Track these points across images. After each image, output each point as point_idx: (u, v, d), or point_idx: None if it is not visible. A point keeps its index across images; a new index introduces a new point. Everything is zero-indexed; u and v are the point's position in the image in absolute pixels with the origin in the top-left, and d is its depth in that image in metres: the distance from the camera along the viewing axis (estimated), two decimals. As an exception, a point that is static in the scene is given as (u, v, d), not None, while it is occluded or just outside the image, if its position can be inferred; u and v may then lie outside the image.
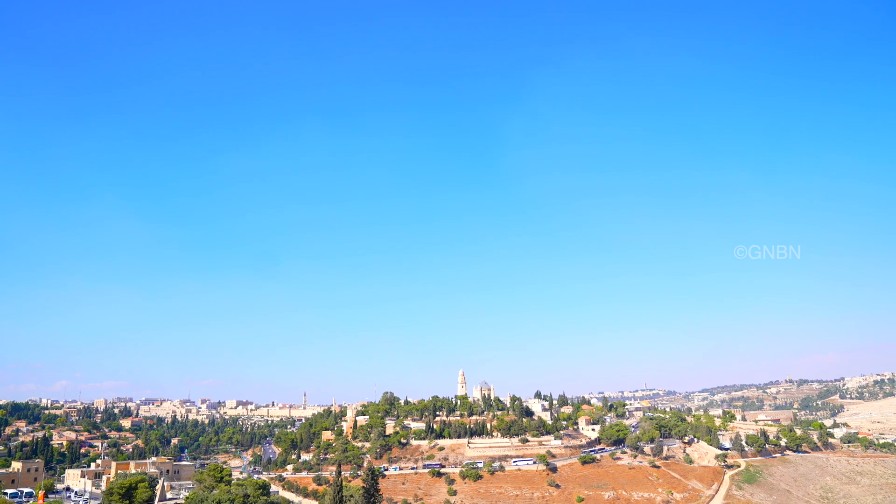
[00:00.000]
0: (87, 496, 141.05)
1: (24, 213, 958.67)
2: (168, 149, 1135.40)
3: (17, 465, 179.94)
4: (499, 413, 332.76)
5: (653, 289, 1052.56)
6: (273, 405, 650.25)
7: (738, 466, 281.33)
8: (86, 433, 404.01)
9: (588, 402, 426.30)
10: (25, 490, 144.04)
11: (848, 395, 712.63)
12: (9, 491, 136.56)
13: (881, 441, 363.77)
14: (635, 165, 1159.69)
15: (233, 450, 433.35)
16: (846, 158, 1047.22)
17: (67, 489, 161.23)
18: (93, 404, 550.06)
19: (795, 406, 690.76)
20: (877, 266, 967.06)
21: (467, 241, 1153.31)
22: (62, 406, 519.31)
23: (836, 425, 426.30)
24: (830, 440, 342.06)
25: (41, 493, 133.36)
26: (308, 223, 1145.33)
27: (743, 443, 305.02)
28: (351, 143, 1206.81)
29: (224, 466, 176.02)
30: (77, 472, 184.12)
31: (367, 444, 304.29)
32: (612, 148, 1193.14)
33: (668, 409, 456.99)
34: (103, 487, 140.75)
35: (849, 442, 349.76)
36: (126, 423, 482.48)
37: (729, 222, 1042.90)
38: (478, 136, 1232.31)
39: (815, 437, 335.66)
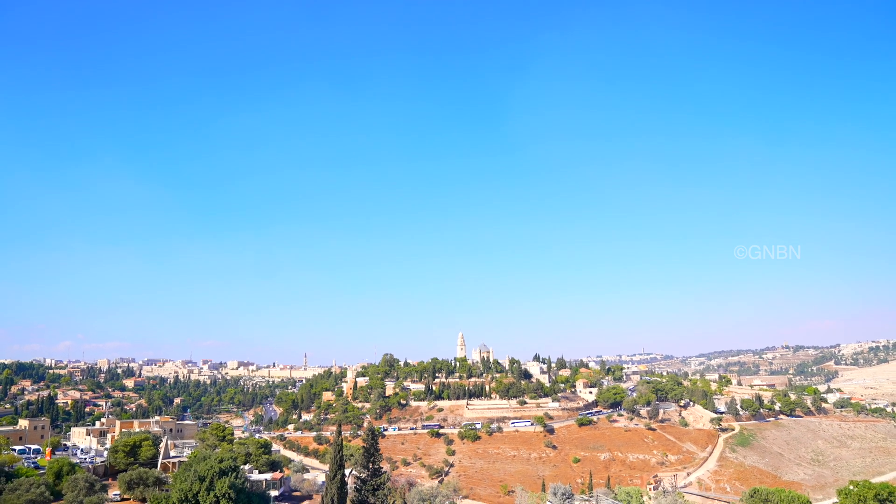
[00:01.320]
0: (92, 453, 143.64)
1: (25, 176, 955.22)
2: (169, 111, 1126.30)
3: (23, 423, 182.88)
4: (497, 375, 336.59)
5: (652, 254, 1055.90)
6: (274, 366, 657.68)
7: (733, 430, 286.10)
8: (90, 392, 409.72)
9: (586, 366, 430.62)
10: (33, 447, 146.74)
11: (843, 362, 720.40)
12: (17, 447, 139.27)
13: (873, 406, 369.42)
14: (639, 132, 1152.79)
15: (234, 410, 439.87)
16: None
17: (74, 446, 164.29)
18: (96, 364, 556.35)
19: (791, 371, 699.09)
20: (874, 234, 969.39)
21: (468, 205, 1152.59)
22: (66, 366, 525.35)
23: (829, 391, 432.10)
24: (824, 405, 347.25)
25: (48, 449, 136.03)
26: (310, 186, 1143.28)
27: (738, 407, 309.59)
28: (355, 108, 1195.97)
29: (226, 426, 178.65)
30: (82, 430, 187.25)
31: (367, 405, 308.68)
32: (616, 114, 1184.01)
33: (664, 374, 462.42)
34: (108, 445, 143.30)
35: (841, 407, 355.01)
36: (129, 383, 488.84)
37: (732, 189, 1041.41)
38: (483, 101, 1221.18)
39: (808, 402, 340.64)
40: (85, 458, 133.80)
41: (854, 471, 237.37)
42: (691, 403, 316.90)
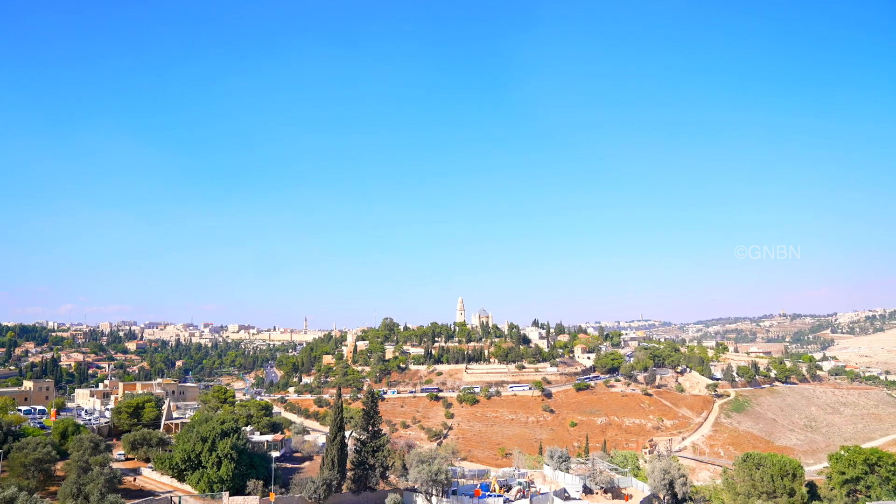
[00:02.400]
0: (96, 414, 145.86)
1: (26, 139, 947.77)
2: (170, 74, 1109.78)
3: (28, 384, 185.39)
4: (496, 340, 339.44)
5: (652, 221, 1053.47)
6: (274, 329, 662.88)
7: (728, 396, 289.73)
8: (92, 355, 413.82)
9: (584, 331, 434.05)
10: (38, 407, 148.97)
11: (839, 330, 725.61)
12: (22, 408, 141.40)
13: (867, 374, 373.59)
14: (645, 100, 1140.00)
15: (235, 372, 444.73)
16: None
17: (78, 408, 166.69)
18: (98, 327, 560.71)
19: (787, 339, 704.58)
20: (874, 202, 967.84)
21: (469, 169, 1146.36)
22: (68, 329, 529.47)
23: (825, 358, 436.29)
24: (819, 372, 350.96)
25: (53, 410, 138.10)
26: (311, 151, 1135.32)
27: (734, 373, 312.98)
28: (358, 72, 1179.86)
29: (227, 388, 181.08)
30: (86, 391, 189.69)
31: (367, 369, 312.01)
32: (621, 81, 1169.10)
33: (662, 340, 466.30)
34: (112, 406, 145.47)
35: (836, 374, 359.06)
36: (131, 345, 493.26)
37: (734, 156, 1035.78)
38: (488, 67, 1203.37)
39: (803, 370, 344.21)
40: (89, 419, 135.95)
41: (846, 437, 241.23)
42: (688, 370, 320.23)
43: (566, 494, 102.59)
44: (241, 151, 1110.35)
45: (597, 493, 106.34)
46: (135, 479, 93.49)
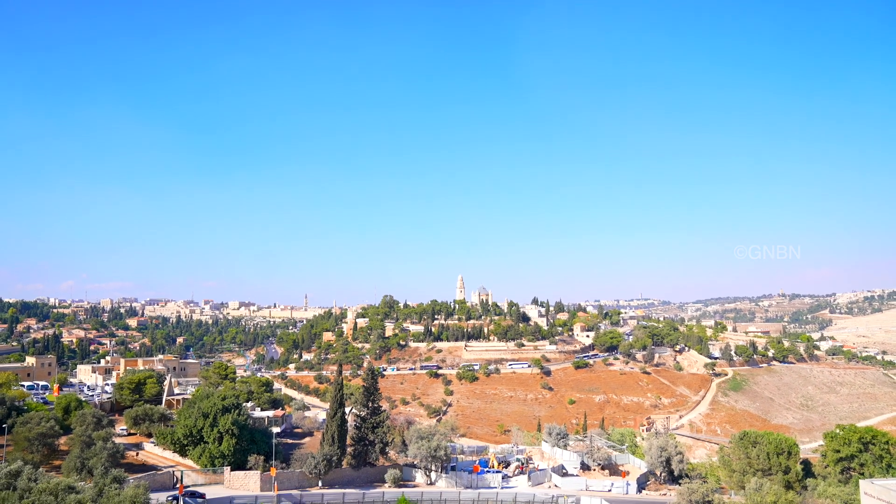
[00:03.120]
0: (98, 390, 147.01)
1: (26, 115, 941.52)
2: (170, 50, 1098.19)
3: (31, 360, 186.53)
4: (496, 318, 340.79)
5: (652, 199, 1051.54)
6: (275, 307, 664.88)
7: (726, 375, 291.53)
8: (94, 331, 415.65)
9: (584, 310, 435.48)
10: (41, 383, 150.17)
11: (838, 310, 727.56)
12: (25, 383, 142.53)
13: (864, 354, 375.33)
14: (646, 80, 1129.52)
15: (236, 349, 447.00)
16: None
17: (80, 383, 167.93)
18: (99, 304, 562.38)
19: (786, 319, 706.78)
20: (875, 182, 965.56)
21: (470, 147, 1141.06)
22: (69, 305, 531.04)
23: (822, 338, 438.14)
24: (816, 352, 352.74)
25: (56, 386, 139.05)
26: (312, 128, 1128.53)
27: (732, 352, 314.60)
28: (360, 51, 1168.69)
29: (228, 365, 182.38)
30: (88, 367, 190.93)
31: (367, 346, 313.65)
32: (624, 60, 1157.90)
33: (661, 319, 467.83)
34: (113, 382, 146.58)
35: (833, 354, 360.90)
36: (132, 322, 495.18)
37: (735, 136, 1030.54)
38: (489, 45, 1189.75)
39: (801, 349, 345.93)
40: (91, 395, 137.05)
41: (841, 415, 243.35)
42: (686, 348, 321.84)
43: (564, 471, 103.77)
44: (241, 129, 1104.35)
45: (594, 470, 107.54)
46: (137, 454, 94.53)
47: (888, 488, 59.39)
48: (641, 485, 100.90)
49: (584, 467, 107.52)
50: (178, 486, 77.32)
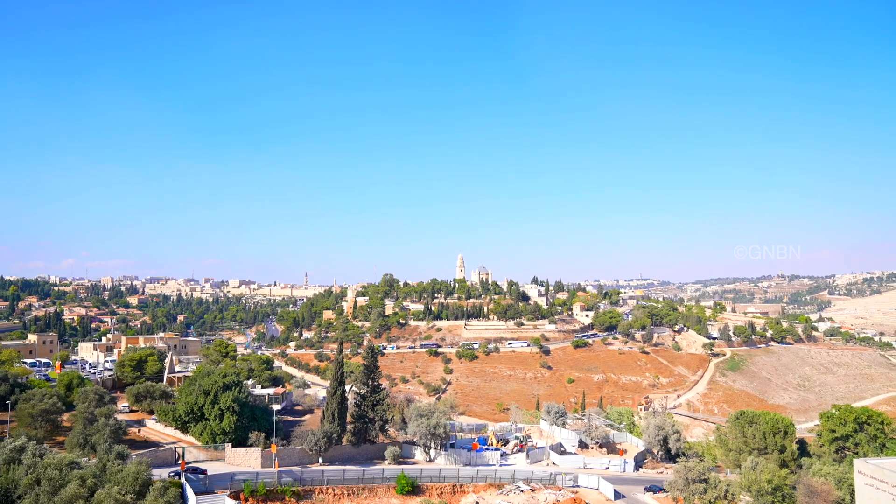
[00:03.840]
0: (100, 367, 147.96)
1: (27, 93, 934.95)
2: (172, 29, 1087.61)
3: (32, 338, 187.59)
4: (496, 297, 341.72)
5: (653, 180, 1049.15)
6: (275, 285, 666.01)
7: (724, 355, 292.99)
8: (95, 309, 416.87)
9: (583, 289, 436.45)
10: (43, 360, 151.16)
11: (837, 292, 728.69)
12: (27, 361, 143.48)
13: (861, 335, 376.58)
14: (648, 61, 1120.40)
15: (237, 327, 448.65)
16: None
17: (82, 360, 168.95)
18: (100, 282, 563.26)
19: (785, 300, 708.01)
20: (876, 164, 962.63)
21: (471, 127, 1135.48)
22: (70, 283, 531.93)
23: (821, 319, 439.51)
24: (814, 333, 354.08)
25: (58, 363, 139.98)
26: (313, 107, 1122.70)
27: (730, 333, 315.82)
28: (363, 30, 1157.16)
29: (229, 342, 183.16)
30: (89, 345, 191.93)
31: (367, 324, 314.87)
32: (626, 40, 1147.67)
33: (661, 299, 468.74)
34: (115, 360, 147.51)
35: (831, 335, 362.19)
36: (133, 300, 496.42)
37: (736, 118, 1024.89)
38: (491, 25, 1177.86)
39: (799, 330, 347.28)
40: (93, 372, 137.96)
41: (837, 396, 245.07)
42: (685, 328, 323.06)
43: (562, 449, 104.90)
44: (242, 108, 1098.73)
45: (592, 448, 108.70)
46: (139, 431, 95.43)
47: (882, 467, 60.00)
48: (639, 463, 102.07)
49: (583, 445, 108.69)
50: (179, 462, 78.25)
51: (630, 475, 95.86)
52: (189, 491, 65.47)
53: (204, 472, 74.32)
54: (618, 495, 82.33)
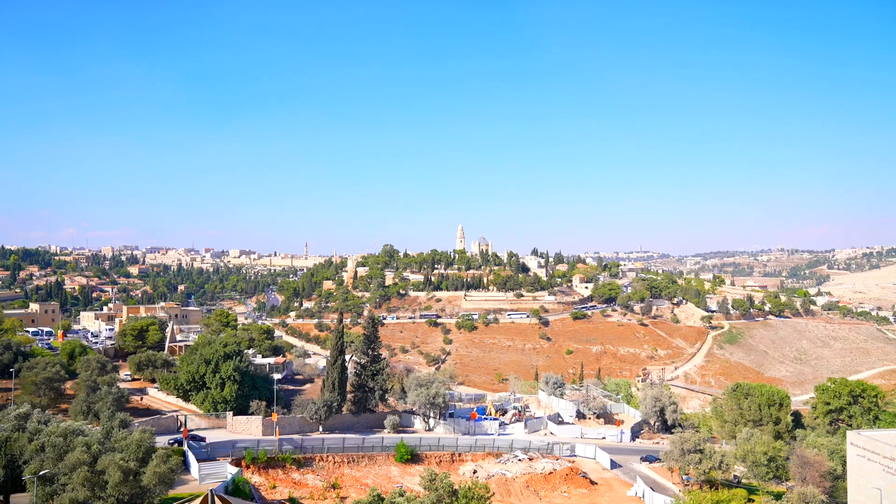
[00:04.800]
0: (102, 337, 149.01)
1: (27, 64, 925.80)
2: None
3: (34, 307, 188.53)
4: (495, 268, 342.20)
5: (654, 154, 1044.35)
6: (275, 255, 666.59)
7: (722, 328, 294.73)
8: (95, 279, 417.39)
9: (583, 262, 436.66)
10: (45, 329, 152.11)
11: (836, 266, 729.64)
12: (30, 329, 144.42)
13: (859, 310, 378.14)
14: (650, 37, 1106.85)
15: (237, 297, 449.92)
16: None
17: (84, 330, 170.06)
18: (100, 252, 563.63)
19: (784, 274, 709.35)
20: (875, 141, 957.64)
21: (472, 101, 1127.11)
22: (71, 253, 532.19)
23: (819, 294, 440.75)
24: (812, 307, 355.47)
25: (60, 332, 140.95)
26: (315, 79, 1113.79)
27: (729, 306, 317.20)
28: (365, 4, 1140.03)
29: (229, 312, 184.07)
30: (91, 314, 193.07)
31: (367, 294, 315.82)
32: (627, 14, 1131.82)
33: (660, 272, 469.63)
34: (116, 329, 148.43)
35: (829, 310, 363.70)
36: (133, 270, 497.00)
37: (737, 95, 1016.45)
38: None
39: (797, 304, 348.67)
40: (95, 341, 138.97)
41: (833, 369, 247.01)
42: (684, 301, 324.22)
43: (560, 419, 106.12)
44: (243, 78, 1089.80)
45: (589, 418, 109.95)
46: (141, 399, 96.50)
47: (874, 439, 60.86)
48: (635, 433, 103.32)
49: (580, 416, 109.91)
50: (182, 429, 79.29)
51: (627, 445, 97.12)
52: (191, 458, 66.55)
53: (203, 439, 75.38)
54: (614, 465, 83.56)
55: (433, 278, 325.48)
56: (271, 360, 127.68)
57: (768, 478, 73.34)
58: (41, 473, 43.55)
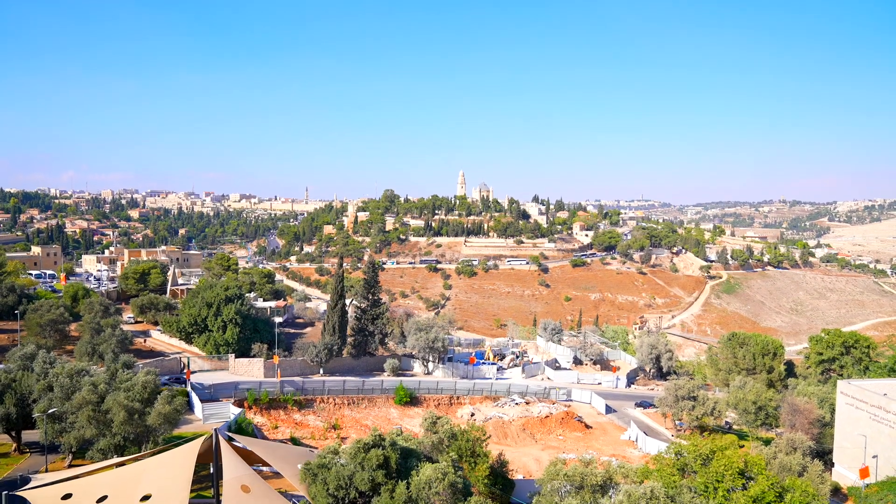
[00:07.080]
0: (104, 280, 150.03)
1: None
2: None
3: (36, 250, 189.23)
4: (496, 214, 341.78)
5: (657, 102, 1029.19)
6: (276, 199, 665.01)
7: (720, 278, 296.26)
8: (96, 222, 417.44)
9: (584, 209, 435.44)
10: (48, 272, 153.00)
11: (837, 219, 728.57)
12: (33, 272, 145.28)
13: (857, 262, 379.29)
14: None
15: (238, 241, 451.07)
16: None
17: (86, 273, 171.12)
18: (100, 195, 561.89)
19: (785, 225, 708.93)
20: (882, 92, 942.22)
21: (474, 45, 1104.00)
22: (71, 196, 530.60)
23: (818, 245, 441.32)
24: (811, 259, 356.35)
25: (63, 275, 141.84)
26: (317, 24, 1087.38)
27: (728, 256, 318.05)
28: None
29: (230, 256, 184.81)
30: (93, 257, 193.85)
31: (368, 239, 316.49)
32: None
33: (661, 221, 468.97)
34: (118, 272, 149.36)
35: (827, 262, 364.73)
36: (134, 213, 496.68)
37: (742, 48, 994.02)
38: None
39: (796, 255, 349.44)
40: (98, 284, 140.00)
41: (828, 320, 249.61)
42: (683, 251, 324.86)
43: (557, 364, 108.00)
44: (246, 22, 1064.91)
45: (586, 364, 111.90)
46: (145, 341, 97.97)
47: (863, 388, 62.23)
48: (631, 380, 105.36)
49: (577, 362, 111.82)
50: (185, 371, 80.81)
51: (622, 391, 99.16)
52: (195, 399, 68.06)
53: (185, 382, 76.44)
54: (609, 410, 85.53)
55: (433, 224, 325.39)
56: (272, 303, 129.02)
57: (757, 424, 75.24)
58: (50, 412, 44.72)
